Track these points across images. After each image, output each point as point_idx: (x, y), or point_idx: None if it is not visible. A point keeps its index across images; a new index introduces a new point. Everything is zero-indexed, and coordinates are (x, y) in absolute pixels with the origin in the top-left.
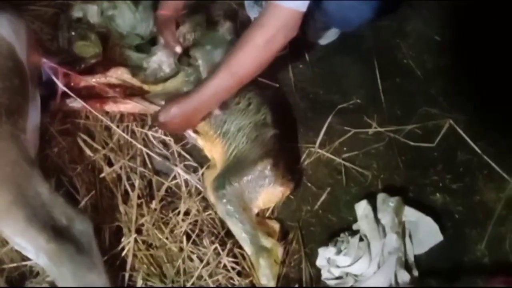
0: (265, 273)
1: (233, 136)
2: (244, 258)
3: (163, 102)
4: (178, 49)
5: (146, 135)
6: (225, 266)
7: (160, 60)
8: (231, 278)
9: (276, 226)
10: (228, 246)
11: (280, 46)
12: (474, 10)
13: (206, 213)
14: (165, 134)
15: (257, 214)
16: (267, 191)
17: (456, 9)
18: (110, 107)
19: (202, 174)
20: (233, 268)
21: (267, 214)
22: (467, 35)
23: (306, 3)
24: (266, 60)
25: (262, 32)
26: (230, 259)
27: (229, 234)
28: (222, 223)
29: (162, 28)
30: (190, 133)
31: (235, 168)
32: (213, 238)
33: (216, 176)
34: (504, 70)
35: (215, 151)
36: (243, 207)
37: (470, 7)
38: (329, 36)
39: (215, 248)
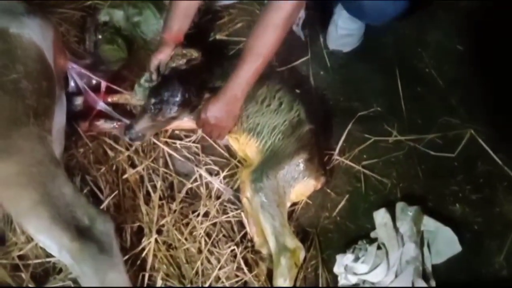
0: (283, 273)
1: (268, 135)
2: (257, 264)
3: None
4: (154, 77)
5: (170, 137)
6: (241, 269)
7: None
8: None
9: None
10: (241, 249)
11: (293, 23)
12: (495, 20)
13: (224, 216)
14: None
15: None
16: (300, 185)
17: (477, 19)
18: None
19: (224, 177)
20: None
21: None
22: (489, 45)
23: None
24: (283, 37)
25: (280, 13)
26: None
27: (245, 237)
28: (239, 226)
29: (156, 52)
30: None
31: (271, 161)
32: (230, 243)
33: (254, 169)
34: None
35: (250, 150)
36: (278, 202)
37: (491, 17)
38: (351, 44)
39: (233, 250)
